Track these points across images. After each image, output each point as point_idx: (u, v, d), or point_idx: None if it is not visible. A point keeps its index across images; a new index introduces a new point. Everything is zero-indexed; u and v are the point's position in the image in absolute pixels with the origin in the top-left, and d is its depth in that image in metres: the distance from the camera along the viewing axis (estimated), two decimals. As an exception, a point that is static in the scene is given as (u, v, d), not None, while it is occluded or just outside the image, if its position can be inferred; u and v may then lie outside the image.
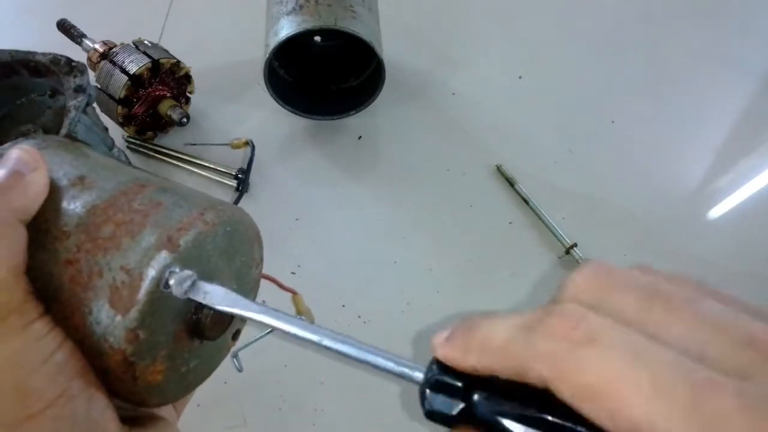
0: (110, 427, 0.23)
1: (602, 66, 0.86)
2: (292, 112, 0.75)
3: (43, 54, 0.54)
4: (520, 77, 0.84)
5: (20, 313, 0.21)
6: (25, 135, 0.34)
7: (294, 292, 0.34)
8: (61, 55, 0.48)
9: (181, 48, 0.75)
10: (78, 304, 0.22)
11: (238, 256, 0.26)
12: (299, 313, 0.60)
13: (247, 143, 0.72)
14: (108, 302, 0.22)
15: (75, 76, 0.40)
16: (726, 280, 0.63)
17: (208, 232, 0.23)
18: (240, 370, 0.40)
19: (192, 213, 0.23)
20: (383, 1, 0.78)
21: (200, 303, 0.23)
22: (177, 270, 0.22)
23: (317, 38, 0.81)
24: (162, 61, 0.70)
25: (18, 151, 0.24)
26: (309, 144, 0.77)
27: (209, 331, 0.24)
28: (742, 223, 0.70)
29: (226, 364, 0.58)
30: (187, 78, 0.75)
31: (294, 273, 0.65)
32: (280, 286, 0.29)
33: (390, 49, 0.72)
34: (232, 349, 0.29)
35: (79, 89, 0.37)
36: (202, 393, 0.60)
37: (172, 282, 0.22)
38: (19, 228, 0.22)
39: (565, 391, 0.15)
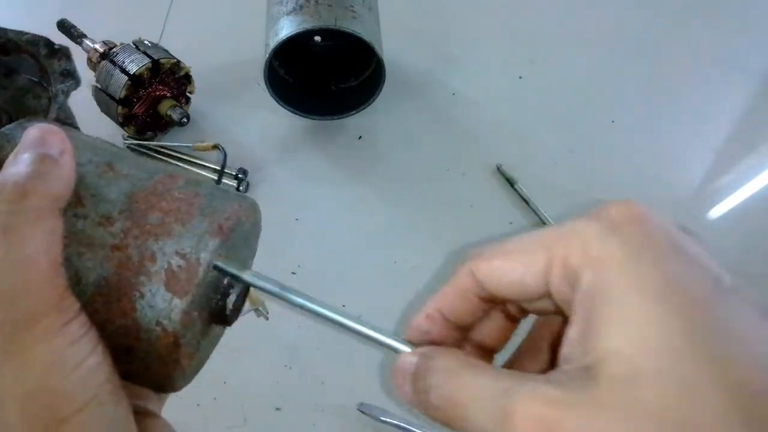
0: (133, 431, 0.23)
1: (602, 66, 0.86)
2: (292, 112, 0.75)
3: (18, 32, 0.47)
4: (520, 77, 0.84)
5: (59, 311, 0.20)
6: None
7: None
8: (41, 36, 0.44)
9: (181, 48, 0.75)
10: (128, 288, 0.22)
11: (248, 246, 0.28)
12: (253, 303, 0.60)
13: (215, 147, 0.71)
14: (164, 286, 0.22)
15: (60, 60, 0.38)
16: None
17: (245, 222, 0.25)
18: (267, 318, 0.42)
19: (232, 204, 0.25)
20: (383, 1, 0.78)
21: (226, 289, 0.25)
22: (227, 256, 0.24)
23: (317, 38, 0.81)
24: (162, 61, 0.70)
25: (41, 132, 0.22)
26: (309, 144, 0.76)
27: (231, 317, 0.25)
28: (742, 223, 0.70)
29: (227, 365, 0.58)
30: (187, 78, 0.75)
31: (294, 273, 0.65)
32: None
33: (390, 49, 0.72)
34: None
35: (67, 74, 0.36)
36: (202, 393, 0.60)
37: (224, 267, 0.24)
38: (57, 217, 0.21)
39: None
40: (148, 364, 0.23)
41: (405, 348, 0.23)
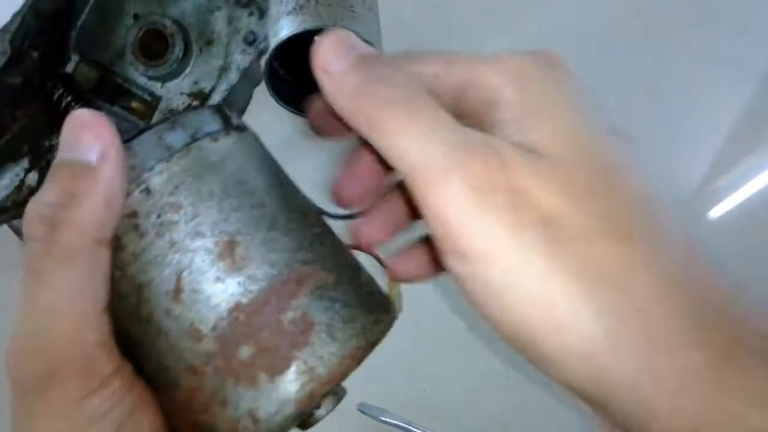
0: None
1: (602, 66, 0.86)
2: (292, 112, 0.75)
3: None
4: (520, 77, 0.84)
5: (83, 376, 0.16)
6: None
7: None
8: None
9: (181, 48, 0.75)
10: (189, 415, 0.19)
11: None
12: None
13: None
14: None
15: (251, 14, 0.23)
16: (726, 280, 0.63)
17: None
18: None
19: (344, 353, 0.21)
20: (383, 1, 0.78)
21: (315, 408, 0.22)
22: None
23: (317, 38, 0.81)
24: (162, 61, 0.70)
25: (73, 127, 0.18)
26: (309, 144, 0.76)
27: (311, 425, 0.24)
28: (742, 223, 0.70)
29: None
30: (187, 78, 0.75)
31: (294, 273, 0.65)
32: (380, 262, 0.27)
33: (390, 49, 0.72)
34: None
35: (252, 40, 0.24)
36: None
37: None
38: (98, 251, 0.17)
39: None
40: None
41: None
